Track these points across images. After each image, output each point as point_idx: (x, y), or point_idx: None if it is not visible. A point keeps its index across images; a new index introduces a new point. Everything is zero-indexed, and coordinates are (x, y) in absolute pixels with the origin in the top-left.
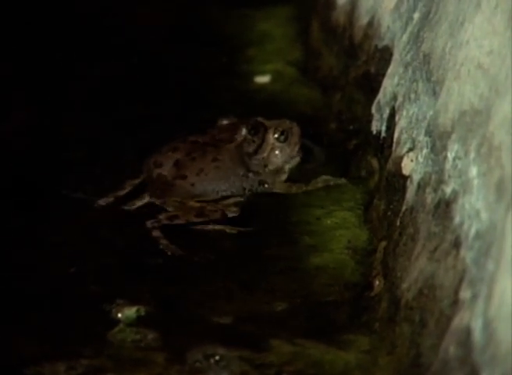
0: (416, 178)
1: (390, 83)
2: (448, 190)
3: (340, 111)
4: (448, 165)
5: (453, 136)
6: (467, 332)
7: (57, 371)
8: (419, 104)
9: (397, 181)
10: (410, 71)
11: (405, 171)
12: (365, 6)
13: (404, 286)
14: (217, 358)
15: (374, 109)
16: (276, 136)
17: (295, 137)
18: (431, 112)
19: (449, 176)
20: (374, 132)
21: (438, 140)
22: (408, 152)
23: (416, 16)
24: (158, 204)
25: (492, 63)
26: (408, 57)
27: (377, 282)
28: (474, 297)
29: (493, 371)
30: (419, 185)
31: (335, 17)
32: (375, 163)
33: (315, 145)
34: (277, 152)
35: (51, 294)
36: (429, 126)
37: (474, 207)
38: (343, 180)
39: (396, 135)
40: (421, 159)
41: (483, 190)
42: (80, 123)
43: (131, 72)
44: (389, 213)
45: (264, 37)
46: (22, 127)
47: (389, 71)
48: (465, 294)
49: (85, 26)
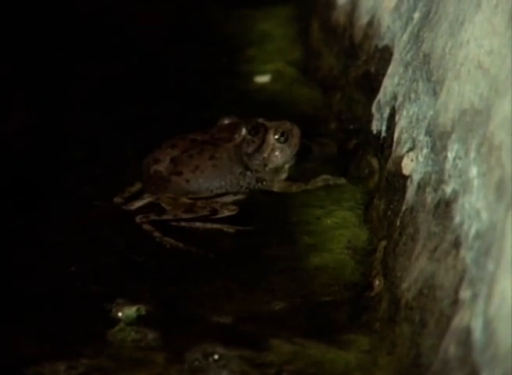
0: (416, 178)
1: (390, 82)
2: (448, 190)
3: (340, 111)
4: (448, 165)
5: (453, 136)
6: (467, 332)
7: (57, 371)
8: (419, 104)
9: (397, 181)
10: (410, 71)
11: (405, 171)
12: (365, 6)
13: (404, 286)
14: (216, 357)
15: (374, 109)
16: (277, 137)
17: (295, 139)
18: (431, 112)
19: (449, 175)
20: (374, 132)
21: (438, 139)
22: (408, 152)
23: (416, 16)
24: (153, 200)
25: (492, 63)
26: (408, 57)
27: (377, 282)
28: (474, 297)
29: (493, 371)
30: (419, 185)
31: (335, 17)
32: (375, 163)
33: (315, 145)
34: (277, 153)
35: (51, 294)
36: (429, 125)
37: (474, 207)
38: (343, 180)
39: (397, 135)
40: (421, 159)
41: (483, 190)
42: (80, 123)
43: (131, 72)
44: (389, 213)
45: (264, 37)
46: (22, 127)
47: (389, 71)
48: (465, 294)
49: (85, 26)
